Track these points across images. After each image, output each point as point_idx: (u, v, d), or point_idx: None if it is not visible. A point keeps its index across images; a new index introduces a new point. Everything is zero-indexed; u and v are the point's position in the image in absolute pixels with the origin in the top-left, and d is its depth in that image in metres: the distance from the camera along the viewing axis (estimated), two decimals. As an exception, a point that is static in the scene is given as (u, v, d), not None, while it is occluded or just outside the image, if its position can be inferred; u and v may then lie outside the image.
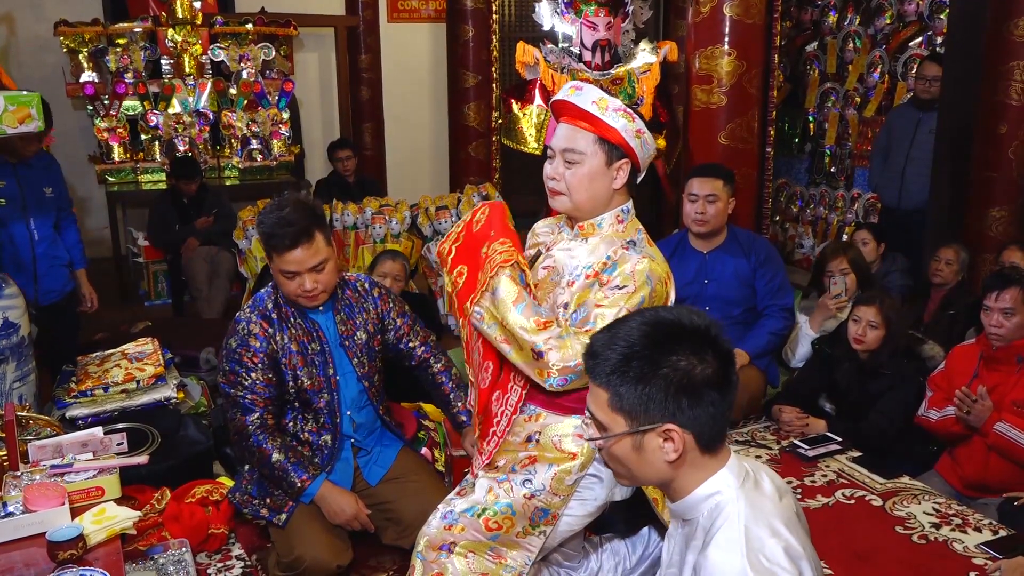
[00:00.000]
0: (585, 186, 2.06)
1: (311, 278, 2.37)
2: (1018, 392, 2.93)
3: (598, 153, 2.04)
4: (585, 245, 2.12)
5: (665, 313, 1.41)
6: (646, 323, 1.39)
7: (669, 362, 1.34)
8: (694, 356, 1.35)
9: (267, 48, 6.50)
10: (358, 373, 2.54)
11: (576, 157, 2.05)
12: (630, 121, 2.03)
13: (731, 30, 3.83)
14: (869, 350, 3.33)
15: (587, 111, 2.03)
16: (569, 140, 2.06)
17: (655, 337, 1.36)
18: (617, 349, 1.37)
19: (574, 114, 2.06)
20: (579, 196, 2.08)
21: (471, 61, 6.47)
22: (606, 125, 2.02)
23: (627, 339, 1.37)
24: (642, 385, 1.35)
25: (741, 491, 1.39)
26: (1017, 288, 2.96)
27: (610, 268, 2.01)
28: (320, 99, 8.05)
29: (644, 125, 2.07)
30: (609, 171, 2.06)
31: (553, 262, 2.17)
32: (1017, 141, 4.20)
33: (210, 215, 5.68)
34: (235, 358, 2.42)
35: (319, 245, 2.37)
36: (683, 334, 1.37)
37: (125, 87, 6.15)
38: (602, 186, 2.07)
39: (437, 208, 5.43)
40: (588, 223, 2.12)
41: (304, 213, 2.37)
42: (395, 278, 3.97)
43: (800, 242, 6.42)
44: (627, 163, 2.07)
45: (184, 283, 5.75)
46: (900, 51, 5.71)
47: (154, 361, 3.32)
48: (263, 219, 2.39)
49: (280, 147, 6.51)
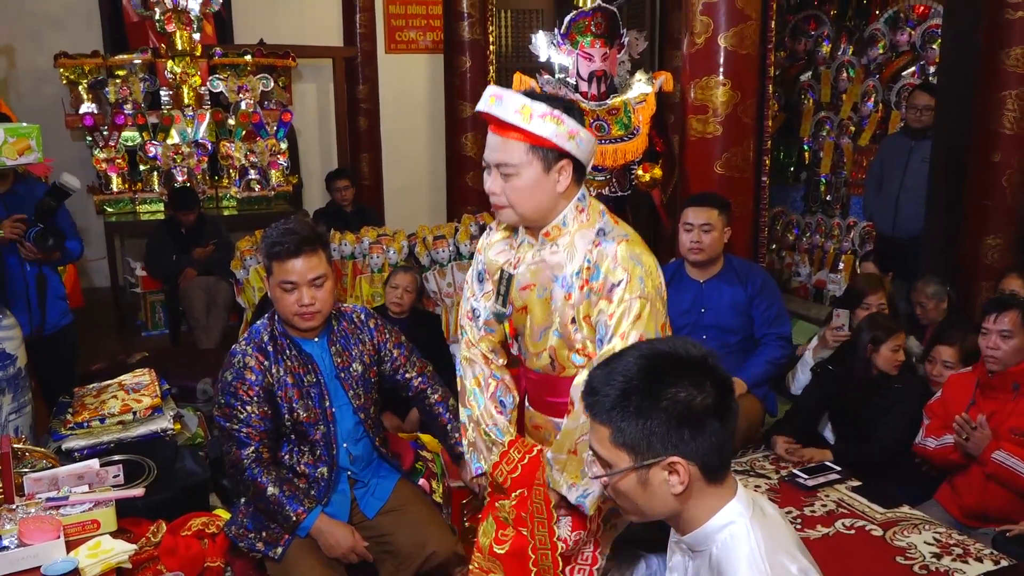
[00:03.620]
0: (526, 197, 1.96)
1: (309, 293, 2.38)
2: (1015, 420, 2.93)
3: (533, 161, 1.94)
4: (558, 248, 2.03)
5: (661, 345, 1.42)
6: (643, 356, 1.39)
7: (668, 394, 1.34)
8: (693, 387, 1.35)
9: (266, 79, 6.55)
10: (354, 405, 2.53)
11: (511, 170, 1.95)
12: (559, 125, 1.90)
13: (726, 60, 3.86)
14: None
15: (510, 123, 1.91)
16: (501, 153, 1.95)
17: (653, 370, 1.36)
18: (615, 384, 1.37)
19: (502, 126, 1.94)
20: (524, 208, 1.99)
21: (468, 92, 6.52)
22: (533, 134, 1.91)
23: (625, 374, 1.37)
24: (643, 419, 1.35)
25: (754, 520, 1.39)
26: (1016, 311, 2.96)
27: (595, 274, 1.95)
28: (318, 129, 8.10)
29: (576, 123, 1.94)
30: (549, 176, 1.95)
31: (531, 279, 2.08)
32: (1011, 169, 4.22)
33: (208, 245, 5.69)
34: (230, 391, 2.42)
35: (320, 259, 2.40)
36: (680, 365, 1.37)
37: (124, 118, 6.19)
38: (545, 193, 1.97)
39: (435, 238, 5.45)
40: (551, 226, 2.03)
41: (309, 227, 2.44)
42: (406, 290, 3.99)
43: (797, 270, 6.44)
44: (567, 163, 1.96)
45: (181, 313, 5.74)
46: (893, 80, 5.76)
47: (151, 392, 3.31)
48: (268, 233, 2.42)
49: (278, 177, 6.53)
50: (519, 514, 2.14)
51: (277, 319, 2.50)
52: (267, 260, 2.41)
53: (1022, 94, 4.15)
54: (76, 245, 3.79)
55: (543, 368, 2.17)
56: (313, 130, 8.08)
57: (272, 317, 2.51)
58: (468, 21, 6.43)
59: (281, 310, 2.43)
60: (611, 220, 2.04)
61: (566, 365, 2.12)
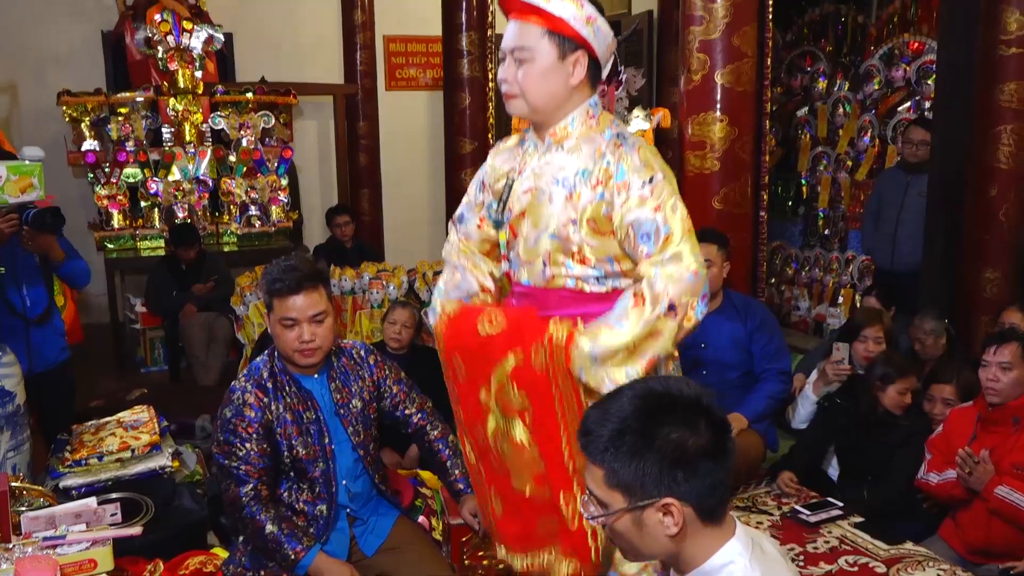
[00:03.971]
0: (539, 84, 1.94)
1: (310, 329, 2.38)
2: (1016, 454, 2.91)
3: (548, 47, 1.92)
4: (563, 151, 2.00)
5: (655, 384, 1.41)
6: (637, 396, 1.38)
7: (662, 435, 1.34)
8: (686, 427, 1.34)
9: (267, 116, 6.61)
10: (353, 442, 2.52)
11: (526, 54, 1.93)
12: (578, 8, 1.90)
13: (723, 97, 3.90)
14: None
15: (531, 3, 1.90)
16: (517, 37, 1.94)
17: (647, 410, 1.36)
18: (609, 426, 1.36)
19: (521, 9, 1.93)
20: (534, 96, 1.96)
21: (468, 128, 6.57)
22: (551, 15, 1.89)
23: (619, 414, 1.37)
24: (636, 460, 1.34)
25: (754, 560, 1.38)
26: (1016, 344, 2.97)
27: (616, 174, 1.91)
28: (319, 165, 8.16)
29: (596, 12, 1.94)
30: (563, 65, 1.94)
31: (533, 183, 2.05)
32: (1008, 203, 4.25)
33: (208, 281, 5.71)
34: (229, 428, 2.41)
35: (321, 295, 2.41)
36: (675, 405, 1.36)
37: (126, 155, 6.23)
38: (558, 82, 1.94)
39: (435, 273, 5.46)
40: (559, 127, 2.00)
41: (309, 264, 2.48)
42: (405, 325, 3.98)
43: (796, 304, 6.45)
44: (583, 55, 1.94)
45: (181, 349, 5.74)
46: (889, 116, 5.81)
47: (149, 429, 3.30)
48: (269, 270, 2.43)
49: (279, 213, 6.56)
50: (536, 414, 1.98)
51: (277, 355, 2.50)
52: (268, 297, 2.42)
53: (1017, 129, 4.19)
54: (82, 264, 3.78)
55: (534, 279, 2.11)
56: (314, 166, 8.13)
57: (272, 353, 2.51)
58: (468, 59, 6.49)
59: (281, 347, 2.43)
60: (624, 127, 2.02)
61: (557, 274, 2.06)
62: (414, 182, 8.36)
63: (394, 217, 8.14)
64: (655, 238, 1.88)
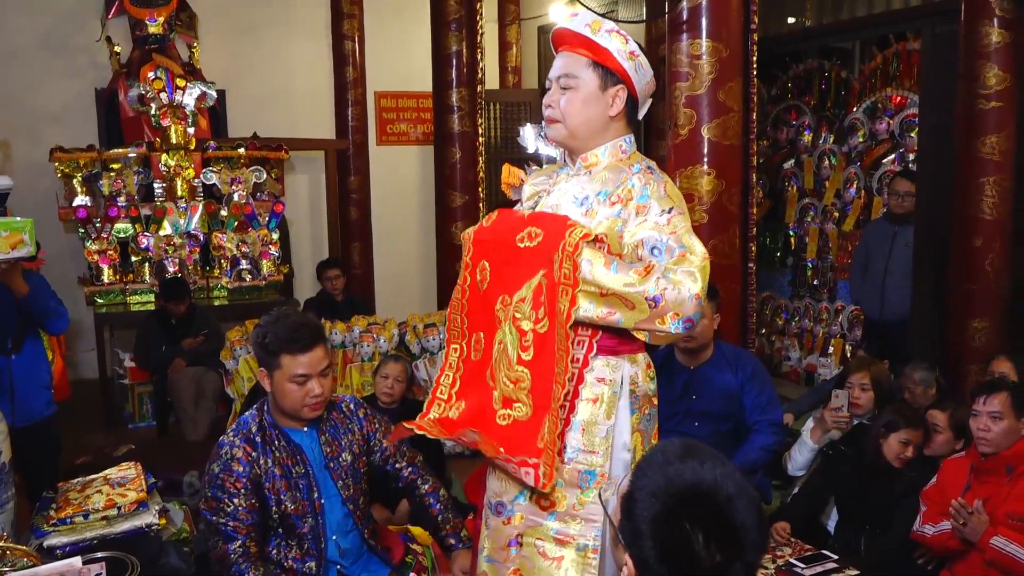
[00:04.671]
0: (579, 110, 2.08)
1: (319, 382, 2.39)
2: (1011, 504, 2.90)
3: (592, 77, 2.07)
4: (589, 176, 2.13)
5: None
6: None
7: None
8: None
9: (258, 171, 6.65)
10: (343, 496, 2.50)
11: (570, 82, 2.08)
12: (623, 43, 2.07)
13: (710, 151, 3.95)
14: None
15: (580, 33, 2.07)
16: (564, 67, 2.10)
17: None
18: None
19: (571, 41, 2.10)
20: (573, 121, 2.09)
21: (458, 182, 6.62)
22: (599, 46, 2.05)
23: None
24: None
25: None
26: (1005, 393, 2.97)
27: (640, 196, 2.01)
28: (310, 219, 8.19)
29: (640, 50, 2.10)
30: (604, 96, 2.08)
31: (558, 199, 2.17)
32: (993, 254, 4.30)
33: (198, 336, 5.68)
34: (217, 483, 2.38)
35: (326, 349, 2.45)
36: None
37: (117, 210, 6.25)
38: (597, 112, 2.08)
39: (425, 326, 5.46)
40: (591, 154, 2.13)
41: (312, 318, 2.54)
42: (397, 379, 3.97)
43: (787, 354, 6.45)
44: (623, 90, 2.08)
45: (170, 404, 5.69)
46: (874, 167, 5.89)
47: (136, 486, 3.26)
48: (270, 329, 2.40)
49: (269, 267, 6.57)
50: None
51: (267, 409, 2.48)
52: (275, 354, 2.39)
53: (1000, 180, 4.26)
54: (54, 305, 3.74)
55: None
56: (305, 220, 8.16)
57: (261, 408, 2.49)
58: (458, 114, 6.57)
59: (291, 403, 2.41)
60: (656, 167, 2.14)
61: None
62: (405, 236, 8.40)
63: (385, 270, 8.16)
64: (668, 253, 1.95)
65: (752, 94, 4.35)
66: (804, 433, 3.90)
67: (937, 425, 3.44)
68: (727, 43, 3.88)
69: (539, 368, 2.02)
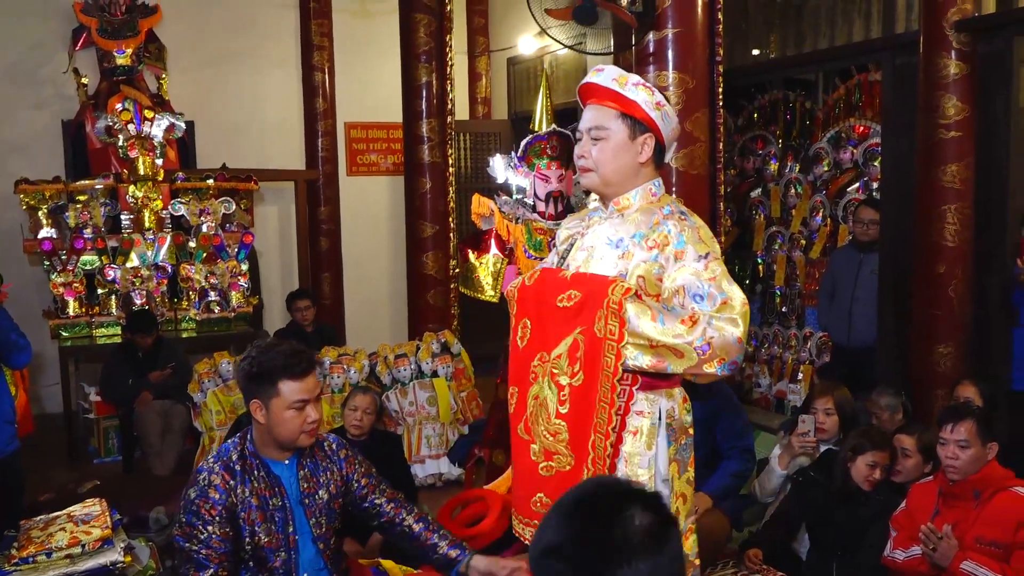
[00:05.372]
0: (611, 159, 2.21)
1: (315, 408, 2.40)
2: (979, 528, 2.93)
3: (621, 128, 2.20)
4: (622, 219, 2.25)
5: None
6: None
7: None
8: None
9: (227, 202, 6.61)
10: (314, 534, 2.47)
11: (601, 133, 2.21)
12: (650, 95, 2.20)
13: (678, 180, 3.99)
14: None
15: (608, 88, 2.20)
16: (594, 119, 2.23)
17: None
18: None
19: (598, 94, 2.23)
20: (606, 169, 2.22)
21: (429, 212, 6.63)
22: (626, 99, 2.19)
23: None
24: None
25: None
26: (971, 420, 3.01)
27: (677, 241, 2.14)
28: (279, 250, 8.16)
29: (665, 100, 2.24)
30: (633, 145, 2.21)
31: (593, 241, 2.28)
32: (956, 280, 4.37)
33: (165, 368, 5.62)
34: (192, 509, 2.35)
35: (317, 375, 2.47)
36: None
37: (84, 242, 6.18)
38: (627, 159, 2.22)
39: (396, 356, 5.43)
40: (623, 198, 2.25)
41: (302, 345, 2.55)
42: (366, 412, 3.94)
43: (757, 381, 6.49)
44: (651, 137, 2.22)
45: (136, 439, 5.61)
46: (839, 196, 5.98)
47: (101, 523, 3.20)
48: (263, 358, 2.38)
49: (238, 298, 6.52)
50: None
51: (249, 438, 2.46)
52: (273, 382, 2.36)
53: (960, 208, 4.34)
54: (15, 337, 3.69)
55: None
56: (275, 251, 8.12)
57: (244, 436, 2.47)
58: (428, 144, 6.60)
59: (288, 430, 2.39)
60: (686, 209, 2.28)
61: None
62: (376, 266, 8.39)
63: (355, 301, 8.14)
64: (710, 300, 2.09)
65: (718, 124, 4.42)
66: (772, 460, 3.92)
67: (906, 449, 3.48)
68: (693, 74, 3.93)
69: (576, 420, 2.16)
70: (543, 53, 7.68)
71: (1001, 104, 4.37)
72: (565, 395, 2.16)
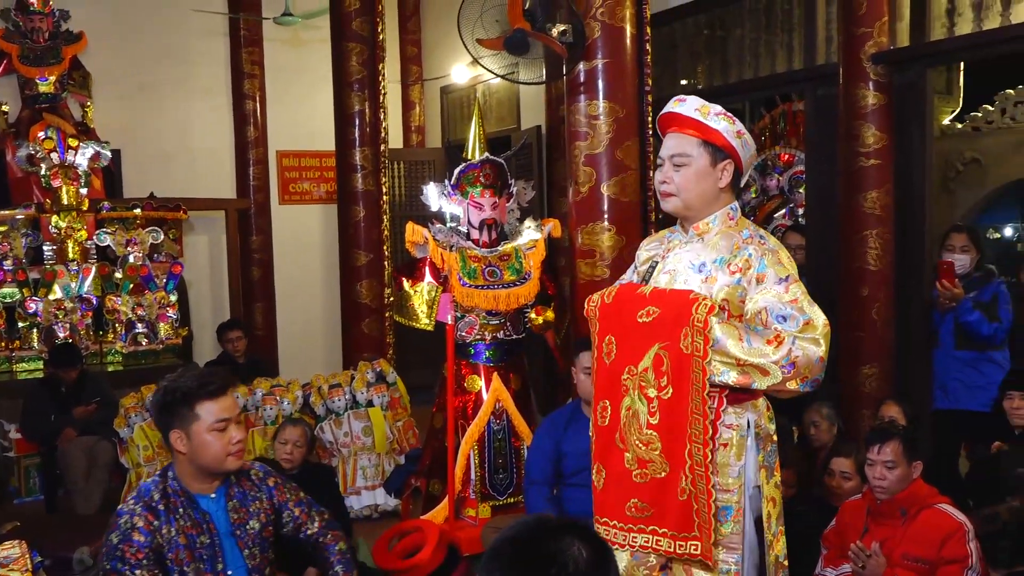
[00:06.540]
0: (693, 185, 2.31)
1: (237, 428, 2.36)
2: (906, 546, 3.00)
3: (703, 155, 2.31)
4: (703, 243, 2.34)
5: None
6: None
7: None
8: None
9: (155, 232, 6.48)
10: (249, 565, 2.42)
11: (684, 160, 2.31)
12: (731, 124, 2.30)
13: (609, 207, 4.04)
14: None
15: (691, 117, 2.31)
16: (677, 146, 2.34)
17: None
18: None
19: (680, 123, 2.34)
20: (688, 194, 2.32)
21: (362, 240, 6.58)
22: (708, 127, 2.29)
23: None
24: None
25: None
26: (897, 441, 3.08)
27: (758, 265, 2.24)
28: (210, 280, 8.01)
29: (744, 127, 2.34)
30: (714, 171, 2.32)
31: (675, 265, 2.38)
32: (879, 303, 4.50)
33: (90, 404, 5.45)
34: (116, 555, 2.27)
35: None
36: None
37: (3, 274, 5.99)
38: (709, 185, 2.32)
39: (330, 386, 5.36)
40: (703, 222, 2.35)
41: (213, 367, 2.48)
42: (296, 444, 3.88)
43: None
44: (730, 163, 2.32)
45: (59, 477, 5.41)
46: (767, 222, 6.13)
47: (21, 566, 3.07)
48: (176, 385, 2.35)
49: (167, 330, 6.37)
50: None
51: (171, 475, 2.40)
52: (190, 405, 2.31)
53: (882, 233, 4.48)
54: None
55: None
56: (205, 281, 7.97)
57: (164, 474, 2.41)
58: (362, 173, 6.56)
59: (213, 455, 2.34)
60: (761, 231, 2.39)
61: None
62: (309, 295, 8.29)
63: (289, 331, 8.03)
64: (793, 321, 2.20)
65: (649, 152, 4.49)
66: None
67: (846, 472, 3.56)
68: (623, 104, 4.00)
69: (667, 430, 2.25)
70: (476, 82, 7.73)
71: (917, 132, 4.54)
72: (655, 407, 2.26)
